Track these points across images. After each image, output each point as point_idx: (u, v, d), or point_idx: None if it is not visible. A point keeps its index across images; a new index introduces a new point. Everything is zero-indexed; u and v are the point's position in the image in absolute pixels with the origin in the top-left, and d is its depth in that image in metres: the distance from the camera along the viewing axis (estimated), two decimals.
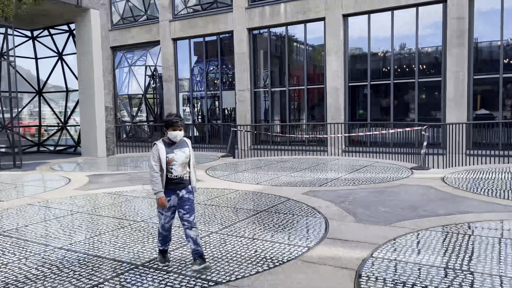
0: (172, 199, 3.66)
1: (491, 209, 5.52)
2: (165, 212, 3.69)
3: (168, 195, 3.64)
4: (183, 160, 3.66)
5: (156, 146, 3.66)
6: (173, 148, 3.66)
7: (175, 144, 3.69)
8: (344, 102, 14.15)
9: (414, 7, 12.94)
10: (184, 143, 3.77)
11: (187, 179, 3.72)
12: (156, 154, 3.62)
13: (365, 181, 7.83)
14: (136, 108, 19.54)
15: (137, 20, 18.56)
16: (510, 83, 12.28)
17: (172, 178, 3.63)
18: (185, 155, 3.69)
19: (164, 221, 3.72)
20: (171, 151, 3.64)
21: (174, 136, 3.65)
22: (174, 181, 3.64)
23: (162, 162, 3.59)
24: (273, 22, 15.16)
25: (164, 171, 3.60)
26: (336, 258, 3.89)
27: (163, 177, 3.60)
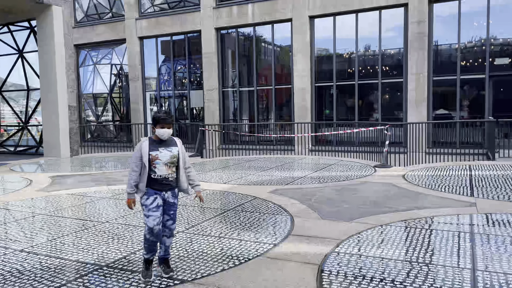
0: (158, 198, 3.43)
1: (447, 204, 5.80)
2: (153, 212, 3.38)
3: (154, 194, 3.42)
4: (168, 159, 3.43)
5: (140, 143, 3.49)
6: (158, 146, 3.45)
7: (162, 142, 3.48)
8: (311, 102, 14.41)
9: (377, 10, 13.35)
10: (173, 142, 3.54)
11: (173, 180, 3.49)
12: (138, 151, 3.43)
13: (330, 179, 8.03)
14: (102, 107, 19.11)
15: (102, 18, 18.15)
16: (467, 84, 12.90)
17: (156, 178, 3.41)
18: (172, 154, 3.46)
19: (154, 223, 3.36)
20: (155, 149, 3.43)
21: (161, 134, 3.44)
22: (159, 181, 3.42)
23: (145, 160, 3.39)
24: (241, 22, 15.23)
25: (146, 169, 3.39)
26: (300, 254, 3.99)
27: (144, 176, 3.39)
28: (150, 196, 3.42)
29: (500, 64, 12.33)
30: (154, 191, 3.43)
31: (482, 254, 3.83)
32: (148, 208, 3.40)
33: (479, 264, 3.60)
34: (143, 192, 3.43)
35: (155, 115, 3.48)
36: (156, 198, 3.42)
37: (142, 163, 3.40)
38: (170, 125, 3.47)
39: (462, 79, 12.60)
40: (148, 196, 3.42)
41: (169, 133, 3.48)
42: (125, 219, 5.42)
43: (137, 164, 3.41)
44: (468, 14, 12.54)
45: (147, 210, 3.41)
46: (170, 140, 3.54)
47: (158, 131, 3.45)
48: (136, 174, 3.41)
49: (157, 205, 3.41)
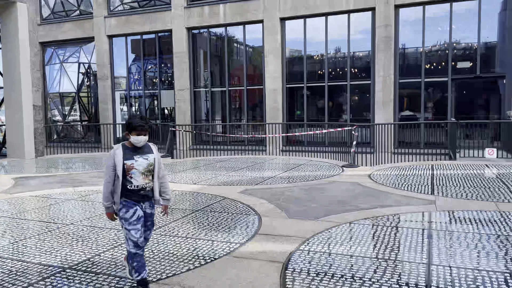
0: (138, 209, 3.21)
1: (409, 202, 6.02)
2: (134, 225, 3.16)
3: (133, 206, 3.20)
4: (145, 168, 3.20)
5: (113, 151, 3.20)
6: (133, 154, 3.20)
7: (138, 149, 3.24)
8: (282, 103, 14.56)
9: (346, 14, 13.65)
10: (149, 148, 3.30)
11: (150, 191, 3.27)
12: (111, 160, 3.15)
13: (299, 179, 8.16)
14: (69, 107, 18.64)
15: (69, 15, 17.71)
16: (431, 87, 13.38)
17: (132, 188, 3.17)
18: (148, 162, 3.23)
19: (137, 236, 3.16)
20: (130, 157, 3.17)
21: (137, 142, 3.19)
22: (135, 192, 3.19)
23: (118, 170, 3.12)
24: (212, 22, 15.23)
25: (120, 180, 3.14)
26: (266, 252, 4.07)
27: (118, 187, 3.15)
28: (130, 209, 3.19)
29: (462, 68, 12.85)
30: (133, 202, 3.21)
31: (437, 250, 4.01)
32: (128, 222, 3.17)
33: (435, 259, 3.78)
34: (118, 204, 3.19)
35: (130, 121, 3.21)
36: (137, 210, 3.21)
37: (115, 173, 3.15)
38: (146, 132, 3.23)
39: (426, 81, 13.07)
40: (128, 209, 3.19)
41: (145, 140, 3.24)
42: (91, 221, 5.34)
43: (111, 175, 3.16)
44: (432, 19, 13.02)
45: (127, 223, 3.17)
46: (145, 146, 3.29)
47: (134, 139, 3.19)
48: (111, 185, 3.17)
49: (138, 218, 3.20)
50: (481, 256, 3.83)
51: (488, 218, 5.09)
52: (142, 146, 3.25)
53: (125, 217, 3.19)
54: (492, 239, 4.32)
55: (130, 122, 3.21)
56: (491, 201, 5.95)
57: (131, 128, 3.19)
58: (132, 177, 3.18)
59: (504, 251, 3.95)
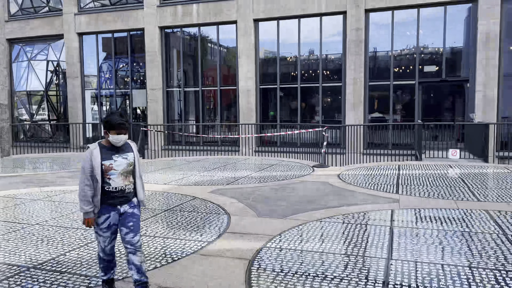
0: (111, 216, 3.02)
1: (374, 201, 6.22)
2: (103, 232, 3.03)
3: (107, 212, 3.01)
4: (124, 168, 3.03)
5: (89, 151, 2.97)
6: (112, 153, 3.01)
7: (116, 148, 3.05)
8: (255, 103, 14.66)
9: (319, 17, 13.89)
10: (128, 147, 3.12)
11: (130, 192, 3.09)
12: (88, 161, 2.94)
13: (271, 179, 8.27)
14: (37, 106, 18.15)
15: (38, 12, 17.26)
16: (399, 89, 13.78)
17: (110, 190, 2.99)
18: (128, 162, 3.05)
19: (104, 244, 3.05)
20: (108, 157, 2.98)
21: (117, 141, 3.00)
22: (114, 195, 3.01)
23: (96, 171, 2.93)
24: (186, 22, 15.18)
25: (99, 183, 2.95)
26: (233, 250, 4.13)
27: (98, 190, 2.96)
28: (102, 215, 3.01)
29: (429, 71, 13.31)
30: (107, 207, 3.01)
31: (398, 245, 4.19)
32: (99, 228, 3.04)
33: (394, 254, 3.94)
34: (99, 208, 3.00)
35: (109, 119, 3.00)
36: (109, 218, 3.02)
37: (93, 175, 2.96)
38: (126, 131, 3.04)
39: (395, 84, 13.45)
40: (100, 215, 3.01)
41: (125, 139, 3.06)
42: (57, 221, 5.27)
43: (89, 177, 2.95)
44: (401, 24, 13.42)
45: (98, 229, 3.05)
46: (124, 144, 3.10)
47: (114, 138, 2.99)
48: (90, 187, 2.95)
49: (108, 225, 3.03)
50: (438, 250, 4.03)
51: (447, 215, 5.33)
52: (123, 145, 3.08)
53: (97, 221, 3.04)
54: (449, 234, 4.54)
55: (108, 120, 3.01)
56: (451, 199, 6.22)
57: (110, 126, 2.99)
58: (110, 179, 2.99)
59: (459, 246, 4.16)
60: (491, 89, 12.12)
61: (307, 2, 13.71)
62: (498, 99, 12.20)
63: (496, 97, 12.14)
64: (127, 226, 3.06)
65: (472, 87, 12.47)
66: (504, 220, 5.07)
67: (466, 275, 3.44)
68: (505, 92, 12.47)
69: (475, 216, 5.26)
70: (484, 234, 4.54)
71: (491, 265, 3.64)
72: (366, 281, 3.33)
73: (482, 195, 6.51)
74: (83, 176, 2.96)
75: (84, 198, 2.95)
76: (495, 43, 12.04)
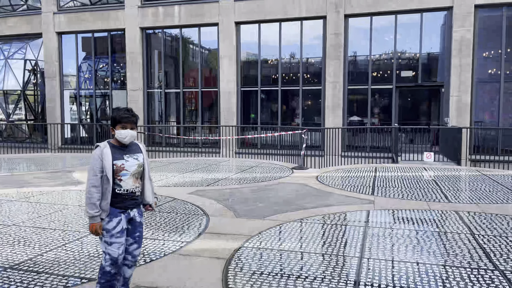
0: (123, 219, 2.84)
1: (350, 202, 6.39)
2: (117, 238, 2.77)
3: (117, 216, 2.80)
4: (135, 169, 2.86)
5: (99, 149, 2.78)
6: (123, 153, 2.85)
7: (126, 148, 2.88)
8: (236, 105, 14.75)
9: (299, 21, 14.09)
10: (138, 148, 2.97)
11: (139, 195, 2.94)
12: (98, 161, 2.75)
13: (250, 180, 8.36)
14: (13, 105, 17.79)
15: (15, 10, 16.94)
16: (377, 93, 14.09)
17: (121, 193, 2.81)
18: (138, 163, 2.89)
19: (118, 252, 2.79)
20: (120, 157, 2.81)
21: (123, 136, 2.82)
22: (124, 197, 2.83)
23: (108, 171, 2.74)
24: (167, 23, 15.17)
25: (110, 184, 2.77)
26: (211, 250, 4.21)
27: (108, 192, 2.76)
28: (114, 218, 2.79)
29: (406, 76, 13.65)
30: (118, 210, 2.81)
31: (370, 244, 4.34)
32: (110, 234, 2.78)
33: (366, 253, 4.09)
34: (107, 212, 2.78)
35: (114, 114, 2.87)
36: (121, 221, 2.82)
37: (104, 176, 2.77)
38: (134, 125, 2.88)
39: (373, 88, 13.76)
40: (111, 218, 2.79)
41: (132, 135, 2.86)
42: (33, 222, 5.23)
43: (98, 178, 2.74)
44: (380, 29, 13.74)
45: (109, 236, 2.78)
46: (133, 144, 2.95)
47: (120, 133, 2.82)
48: (98, 190, 2.75)
49: (122, 230, 2.81)
50: (409, 250, 4.19)
51: (419, 216, 5.53)
52: (129, 144, 2.92)
53: (107, 227, 2.79)
54: (420, 234, 4.72)
55: (115, 115, 2.85)
56: (424, 201, 6.44)
57: (115, 121, 2.84)
58: (121, 180, 2.81)
59: (429, 245, 4.34)
60: (465, 94, 12.53)
61: (288, 6, 13.89)
62: (471, 104, 12.62)
63: (469, 102, 12.56)
64: (134, 236, 2.91)
65: (447, 92, 12.86)
66: (472, 221, 5.30)
67: (433, 272, 3.60)
68: (478, 97, 12.91)
69: (446, 217, 5.47)
70: (453, 234, 4.74)
71: (458, 263, 3.82)
72: (339, 279, 3.46)
73: (454, 196, 6.76)
74: (92, 177, 2.76)
75: (90, 201, 2.74)
76: (469, 49, 12.46)
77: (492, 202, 6.32)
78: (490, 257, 3.98)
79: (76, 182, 8.14)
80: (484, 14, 12.66)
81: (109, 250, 2.78)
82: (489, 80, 12.90)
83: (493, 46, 12.76)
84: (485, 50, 12.86)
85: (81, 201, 6.45)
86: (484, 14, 12.67)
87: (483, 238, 4.57)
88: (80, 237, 4.59)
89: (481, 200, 6.49)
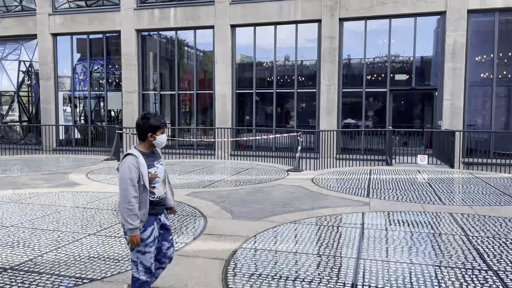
0: (155, 227, 2.84)
1: (346, 204, 6.46)
2: (150, 247, 2.77)
3: (151, 223, 2.80)
4: (164, 175, 2.89)
5: (134, 158, 2.72)
6: (153, 160, 2.83)
7: (153, 154, 2.87)
8: (231, 108, 14.80)
9: (294, 24, 14.19)
10: (158, 153, 2.96)
11: (165, 199, 2.97)
12: (135, 170, 2.68)
13: (246, 182, 8.41)
14: (7, 106, 17.69)
15: (10, 11, 16.88)
16: (372, 96, 14.23)
17: (155, 200, 2.82)
18: (164, 168, 2.92)
19: (151, 261, 2.79)
20: (152, 165, 2.79)
21: (163, 141, 2.85)
22: (156, 204, 2.84)
23: (146, 180, 2.71)
24: (163, 26, 15.20)
25: (147, 193, 2.74)
26: (210, 250, 4.25)
27: (146, 201, 2.73)
28: (148, 227, 2.76)
29: (400, 80, 13.80)
30: (152, 218, 2.80)
31: (367, 245, 4.41)
32: (145, 243, 2.75)
33: (363, 253, 4.16)
34: (143, 223, 2.75)
35: (154, 120, 2.82)
36: (154, 229, 2.82)
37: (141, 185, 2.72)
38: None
39: (367, 91, 13.89)
40: (146, 228, 2.75)
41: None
42: (32, 223, 5.24)
43: (137, 188, 2.69)
44: (374, 33, 13.88)
45: (143, 245, 2.75)
46: (156, 150, 2.96)
47: (161, 139, 2.84)
48: (137, 200, 2.69)
49: (154, 239, 2.82)
50: (404, 250, 4.27)
51: (414, 218, 5.61)
52: (155, 150, 2.93)
53: (141, 237, 2.75)
54: (416, 236, 4.80)
55: (155, 123, 2.82)
56: (419, 203, 6.53)
57: (155, 128, 2.82)
58: (155, 187, 2.81)
59: (424, 246, 4.42)
60: (458, 98, 12.70)
61: (283, 9, 13.99)
62: (464, 108, 12.79)
63: (462, 105, 12.72)
64: (169, 240, 2.96)
65: (440, 95, 13.02)
66: (466, 222, 5.39)
67: (429, 273, 3.68)
68: (471, 101, 13.09)
69: (440, 219, 5.57)
70: (447, 235, 4.83)
71: (452, 264, 3.90)
72: (337, 279, 3.52)
73: (448, 199, 6.86)
74: (130, 188, 2.67)
75: (132, 212, 2.66)
76: (462, 54, 12.63)
77: (485, 204, 6.43)
78: (484, 257, 4.07)
79: (73, 184, 8.14)
80: (476, 19, 12.86)
81: (142, 259, 2.77)
82: (482, 84, 13.09)
83: (485, 50, 12.96)
84: (477, 55, 13.05)
85: (78, 202, 6.45)
86: (476, 19, 12.87)
87: (477, 239, 4.67)
88: (79, 238, 4.61)
89: (474, 202, 6.60)
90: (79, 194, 7.08)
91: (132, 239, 2.69)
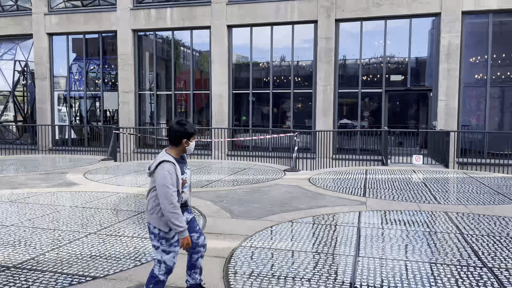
0: None
1: (342, 203, 6.54)
2: (175, 247, 2.89)
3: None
4: (190, 180, 3.03)
5: (172, 165, 2.82)
6: (183, 165, 2.96)
7: (182, 159, 2.99)
8: (228, 108, 14.85)
9: (291, 25, 14.27)
10: (185, 158, 3.10)
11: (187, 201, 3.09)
12: (175, 176, 2.81)
13: (243, 182, 8.47)
14: (2, 106, 17.62)
15: (5, 10, 16.81)
16: (367, 97, 14.33)
17: (182, 203, 2.95)
18: (190, 173, 3.08)
19: (173, 261, 2.91)
20: (183, 170, 2.93)
21: (192, 148, 2.98)
22: (180, 206, 2.94)
23: (179, 186, 2.84)
24: (159, 26, 15.22)
25: (180, 198, 2.87)
26: (210, 249, 4.29)
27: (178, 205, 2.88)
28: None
29: (396, 81, 13.92)
30: None
31: (364, 243, 4.49)
32: (169, 243, 2.87)
33: (361, 251, 4.24)
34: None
35: (189, 128, 2.92)
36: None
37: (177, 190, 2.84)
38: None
39: (363, 92, 13.99)
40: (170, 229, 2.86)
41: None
42: (32, 223, 5.27)
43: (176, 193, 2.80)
44: (369, 34, 13.99)
45: (167, 245, 2.86)
46: (184, 156, 3.06)
47: (193, 145, 2.97)
48: (179, 205, 2.81)
49: (178, 238, 2.90)
50: (401, 249, 4.35)
51: (410, 217, 5.70)
52: (184, 156, 3.03)
53: (167, 237, 2.86)
54: (412, 234, 4.88)
55: (189, 130, 2.92)
56: (414, 202, 6.62)
57: (190, 134, 2.93)
58: (183, 192, 2.93)
59: (420, 244, 4.50)
60: (453, 99, 12.83)
61: (280, 10, 14.06)
62: (458, 108, 12.92)
63: (457, 106, 12.86)
64: (196, 230, 3.08)
65: (435, 96, 13.15)
66: (461, 221, 5.49)
67: (425, 270, 3.76)
68: (465, 102, 13.24)
69: (436, 218, 5.66)
70: (443, 233, 4.92)
71: (448, 261, 3.99)
72: (336, 276, 3.59)
73: (443, 198, 6.96)
74: (172, 193, 2.77)
75: (179, 216, 2.78)
76: (456, 55, 12.77)
77: (479, 203, 6.54)
78: (479, 255, 4.16)
79: (71, 184, 8.16)
80: (471, 20, 13.00)
81: (165, 258, 2.87)
82: (476, 85, 13.24)
83: (479, 51, 13.11)
84: (472, 56, 13.20)
85: (77, 202, 6.48)
86: (471, 21, 13.01)
87: (472, 237, 4.76)
88: (80, 237, 4.64)
89: (469, 201, 6.70)
90: (77, 194, 7.11)
91: (183, 241, 2.83)
